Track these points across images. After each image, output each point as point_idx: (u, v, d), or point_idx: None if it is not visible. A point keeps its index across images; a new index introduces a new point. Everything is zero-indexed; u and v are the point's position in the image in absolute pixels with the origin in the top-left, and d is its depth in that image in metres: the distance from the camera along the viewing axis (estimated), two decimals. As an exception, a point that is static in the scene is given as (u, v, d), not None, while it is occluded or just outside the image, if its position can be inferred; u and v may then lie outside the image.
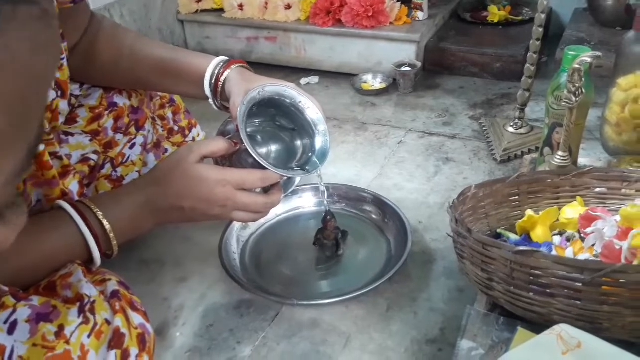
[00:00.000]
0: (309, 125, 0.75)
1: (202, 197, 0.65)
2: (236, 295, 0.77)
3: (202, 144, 0.68)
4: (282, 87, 0.73)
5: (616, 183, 0.76)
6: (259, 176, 0.68)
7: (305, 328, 0.71)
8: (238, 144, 0.70)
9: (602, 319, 0.54)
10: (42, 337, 0.49)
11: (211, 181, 0.65)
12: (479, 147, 1.10)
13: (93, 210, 0.62)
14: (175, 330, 0.72)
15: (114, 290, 0.58)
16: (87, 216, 0.62)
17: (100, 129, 0.80)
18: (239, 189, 0.67)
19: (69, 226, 0.61)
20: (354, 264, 0.81)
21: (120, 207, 0.65)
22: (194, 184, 0.65)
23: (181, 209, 0.66)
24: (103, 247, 0.63)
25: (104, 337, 0.52)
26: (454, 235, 0.67)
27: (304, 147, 0.78)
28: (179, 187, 0.65)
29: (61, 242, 0.61)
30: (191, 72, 0.78)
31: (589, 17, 1.42)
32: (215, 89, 0.77)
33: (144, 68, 0.80)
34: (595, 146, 1.02)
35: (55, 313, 0.51)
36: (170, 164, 0.67)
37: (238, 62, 0.77)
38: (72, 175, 0.72)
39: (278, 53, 1.51)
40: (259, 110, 0.74)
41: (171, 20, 1.58)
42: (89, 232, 0.61)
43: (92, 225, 0.62)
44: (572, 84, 0.76)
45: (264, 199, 0.70)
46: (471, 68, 1.40)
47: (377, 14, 1.38)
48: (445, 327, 0.70)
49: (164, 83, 0.82)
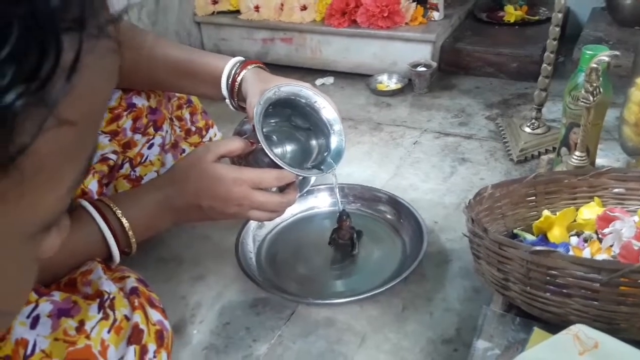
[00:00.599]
0: (325, 124, 0.76)
1: (219, 196, 0.66)
2: (252, 293, 0.78)
3: (219, 144, 0.69)
4: (297, 87, 0.74)
5: (635, 183, 0.75)
6: (275, 175, 0.69)
7: (321, 327, 0.72)
8: (254, 143, 0.70)
9: (619, 319, 0.53)
10: (63, 331, 0.50)
11: (228, 180, 0.66)
12: (496, 147, 1.09)
13: (112, 209, 0.64)
14: (193, 328, 0.73)
15: (133, 287, 0.59)
16: (107, 214, 0.63)
17: (119, 129, 0.81)
18: (256, 188, 0.68)
19: (89, 224, 0.62)
20: (369, 264, 0.82)
21: (138, 206, 0.66)
22: (212, 183, 0.66)
23: (199, 208, 0.67)
24: (122, 244, 0.65)
25: (123, 333, 0.53)
26: (469, 235, 0.67)
27: (320, 147, 0.79)
28: (197, 186, 0.66)
29: (81, 239, 0.62)
30: (208, 72, 0.79)
31: (607, 17, 1.40)
32: (232, 90, 0.78)
33: (162, 69, 0.81)
34: (613, 146, 1.01)
35: (75, 308, 0.52)
36: (187, 163, 0.68)
37: (254, 63, 0.78)
38: (92, 175, 0.73)
39: (293, 54, 1.52)
40: (274, 110, 0.75)
41: (188, 22, 1.59)
42: (109, 230, 0.62)
43: (111, 223, 0.63)
44: (590, 84, 0.75)
45: (279, 198, 0.70)
46: (487, 68, 1.39)
47: (392, 14, 1.38)
48: (461, 327, 0.70)
49: (182, 84, 0.83)
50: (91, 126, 0.25)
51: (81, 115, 0.22)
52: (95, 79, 0.23)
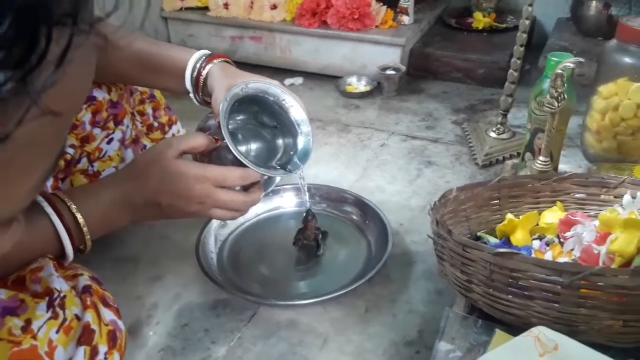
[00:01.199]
0: (292, 124, 0.74)
1: (180, 193, 0.64)
2: (212, 294, 0.76)
3: (182, 139, 0.66)
4: (265, 84, 0.72)
5: (596, 189, 0.76)
6: (239, 174, 0.66)
7: (283, 329, 0.70)
8: (218, 140, 0.68)
9: (579, 321, 0.54)
10: (7, 331, 0.47)
11: (190, 177, 0.63)
12: (461, 151, 1.10)
13: (67, 204, 0.60)
14: (149, 329, 0.71)
15: (86, 285, 0.56)
16: (61, 209, 0.60)
17: (78, 122, 0.78)
18: (219, 187, 0.65)
19: (41, 219, 0.59)
20: (334, 265, 0.80)
21: (94, 201, 0.63)
22: (172, 179, 0.63)
23: (158, 205, 0.64)
24: (76, 241, 0.61)
25: (73, 333, 0.50)
26: (434, 237, 0.67)
27: (286, 146, 0.77)
28: (157, 182, 0.63)
29: (33, 235, 0.59)
30: (172, 65, 0.77)
31: (572, 27, 1.44)
32: (197, 84, 0.76)
33: (124, 61, 0.78)
34: (575, 153, 1.03)
35: (22, 307, 0.49)
36: (148, 158, 0.65)
37: (220, 57, 0.76)
38: None
39: (263, 53, 1.50)
40: (240, 106, 0.73)
41: (155, 17, 1.56)
42: (62, 225, 0.59)
43: (65, 218, 0.59)
44: (555, 89, 0.76)
45: (243, 197, 0.68)
46: (455, 73, 1.40)
47: (362, 16, 1.38)
48: (424, 330, 0.69)
49: (144, 76, 0.80)
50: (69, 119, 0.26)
51: (65, 107, 0.23)
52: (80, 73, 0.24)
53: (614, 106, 0.89)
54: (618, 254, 0.59)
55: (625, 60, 0.87)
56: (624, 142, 0.91)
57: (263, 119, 0.77)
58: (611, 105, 0.89)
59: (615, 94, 0.89)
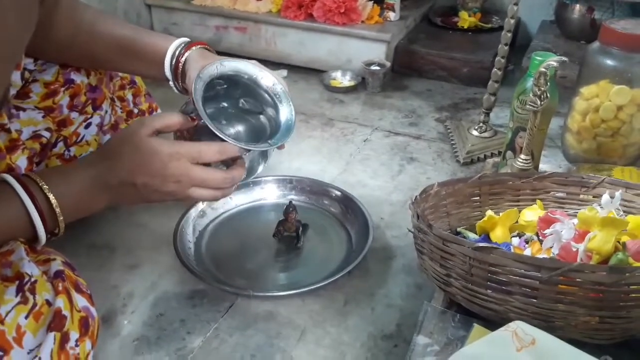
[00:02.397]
0: (272, 97, 0.71)
1: (154, 172, 0.61)
2: (189, 284, 0.75)
3: (155, 117, 0.63)
4: (241, 63, 0.70)
5: (575, 188, 0.77)
6: (216, 149, 0.63)
7: (260, 320, 0.69)
8: (196, 119, 0.66)
9: (556, 317, 0.54)
10: None
11: (164, 155, 0.60)
12: (443, 148, 1.10)
13: (39, 184, 0.58)
14: (123, 318, 0.69)
15: (58, 270, 0.54)
16: (32, 190, 0.57)
17: (55, 106, 0.76)
18: (195, 163, 0.62)
19: (12, 200, 0.56)
20: (314, 258, 0.80)
21: (68, 182, 0.60)
22: (146, 158, 0.60)
23: (133, 186, 0.61)
24: (49, 224, 0.58)
25: (43, 319, 0.49)
26: (414, 231, 0.67)
27: (270, 126, 0.74)
28: (130, 161, 0.61)
29: (3, 216, 0.56)
30: (151, 52, 0.75)
31: (556, 29, 1.45)
32: (176, 71, 0.74)
33: (102, 45, 0.76)
34: (556, 153, 1.04)
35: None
36: (121, 138, 0.63)
37: (200, 44, 0.75)
38: (21, 151, 0.68)
39: (247, 44, 1.49)
40: (226, 92, 0.72)
41: (138, 4, 1.53)
42: (34, 206, 0.57)
43: (37, 199, 0.57)
44: (538, 88, 0.76)
45: (223, 173, 0.64)
46: (439, 71, 1.41)
47: (349, 11, 1.37)
48: (402, 324, 0.69)
49: (123, 62, 0.78)
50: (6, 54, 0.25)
51: None
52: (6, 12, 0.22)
53: (595, 107, 0.90)
54: (596, 252, 0.60)
55: (607, 63, 0.88)
56: (603, 143, 0.92)
57: (247, 104, 0.76)
58: (592, 107, 0.90)
59: (597, 96, 0.90)
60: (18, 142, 0.68)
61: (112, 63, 0.79)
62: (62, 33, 0.75)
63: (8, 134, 0.66)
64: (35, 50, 0.74)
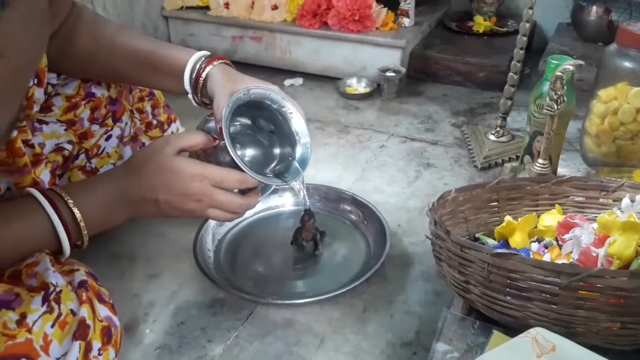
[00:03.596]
0: (292, 133, 0.74)
1: (176, 190, 0.63)
2: (209, 293, 0.75)
3: (180, 136, 0.66)
4: (267, 91, 0.71)
5: (594, 192, 0.76)
6: (237, 177, 0.65)
7: (279, 328, 0.70)
8: (217, 139, 0.68)
9: (577, 323, 0.54)
10: (2, 324, 0.46)
11: (187, 174, 0.63)
12: (460, 154, 1.10)
13: (64, 198, 0.60)
14: (145, 327, 0.70)
15: (82, 280, 0.56)
16: (58, 204, 0.59)
17: (76, 119, 0.78)
18: (216, 187, 0.65)
19: (38, 213, 0.59)
20: (331, 265, 0.80)
21: (92, 196, 0.62)
22: (169, 176, 0.63)
23: (155, 202, 0.64)
24: (73, 237, 0.61)
25: (68, 328, 0.50)
26: (432, 238, 0.67)
27: (282, 154, 0.76)
28: (153, 178, 0.63)
29: (30, 229, 0.58)
30: (171, 65, 0.76)
31: (572, 32, 1.44)
32: (196, 85, 0.75)
33: (123, 60, 0.78)
34: (574, 157, 1.03)
35: (17, 301, 0.49)
36: (145, 154, 0.65)
37: (220, 58, 0.76)
38: (44, 164, 0.70)
39: (263, 53, 1.50)
40: (239, 108, 0.73)
41: (155, 16, 1.56)
42: (59, 220, 0.59)
43: (62, 213, 0.59)
44: (554, 92, 0.76)
45: (240, 199, 0.67)
46: (455, 76, 1.41)
47: (363, 18, 1.38)
48: (421, 331, 0.69)
49: (142, 76, 0.79)
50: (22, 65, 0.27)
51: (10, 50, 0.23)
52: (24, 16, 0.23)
53: (613, 110, 0.89)
54: (616, 257, 0.59)
55: (625, 65, 0.87)
56: (623, 146, 0.91)
57: (260, 122, 0.77)
58: (610, 110, 0.89)
59: (615, 98, 0.89)
60: (41, 157, 0.70)
61: (131, 77, 0.81)
62: (84, 49, 0.77)
63: (32, 149, 0.67)
64: (57, 66, 0.76)
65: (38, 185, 0.66)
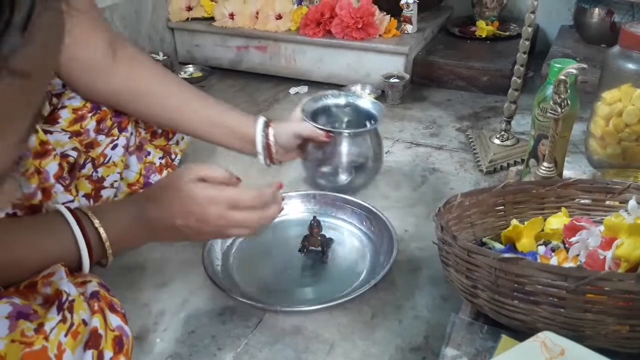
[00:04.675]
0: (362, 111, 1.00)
1: (194, 216, 0.65)
2: (219, 301, 0.76)
3: (201, 166, 0.68)
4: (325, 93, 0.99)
5: (600, 194, 0.76)
6: (252, 195, 0.67)
7: (288, 335, 0.70)
8: (325, 139, 0.89)
9: (585, 326, 0.54)
10: (20, 332, 0.47)
11: (203, 200, 0.65)
12: (465, 158, 1.10)
13: (90, 218, 0.62)
14: (156, 336, 0.71)
15: (94, 290, 0.57)
16: (84, 222, 0.62)
17: (83, 130, 0.79)
18: (232, 208, 0.66)
19: (63, 229, 0.61)
20: (339, 271, 0.81)
21: (116, 218, 0.65)
22: (186, 202, 0.65)
23: (174, 227, 0.65)
24: (95, 255, 0.63)
25: (80, 338, 0.51)
26: (439, 243, 0.67)
27: None
28: (170, 204, 0.65)
29: (55, 244, 0.60)
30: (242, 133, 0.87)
31: (575, 34, 1.44)
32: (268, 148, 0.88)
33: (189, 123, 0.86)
34: (579, 159, 1.03)
35: (35, 315, 0.50)
36: (166, 181, 0.68)
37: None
38: (53, 157, 0.70)
39: (268, 62, 1.51)
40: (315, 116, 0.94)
41: (161, 28, 1.57)
42: (83, 238, 0.61)
43: (87, 231, 0.61)
44: (558, 95, 0.76)
45: (258, 214, 0.68)
46: (458, 81, 1.41)
47: (366, 26, 1.39)
48: (429, 336, 0.69)
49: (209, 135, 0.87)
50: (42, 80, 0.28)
51: (34, 68, 0.24)
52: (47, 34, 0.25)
53: (618, 112, 0.89)
54: (624, 259, 0.59)
55: (628, 67, 0.87)
56: (628, 147, 0.91)
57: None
58: (615, 111, 0.89)
59: (619, 100, 0.89)
60: (48, 146, 0.71)
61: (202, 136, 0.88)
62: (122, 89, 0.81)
63: (35, 133, 0.68)
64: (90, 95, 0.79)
65: (41, 175, 0.68)
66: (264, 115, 0.89)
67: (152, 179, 0.92)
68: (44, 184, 0.69)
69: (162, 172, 0.93)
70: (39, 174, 0.67)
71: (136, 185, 0.89)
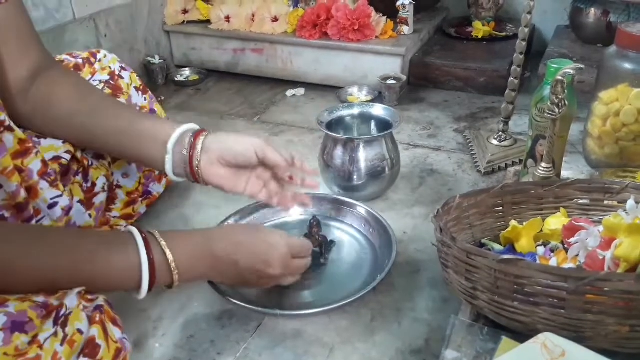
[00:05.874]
0: None
1: (258, 256, 0.68)
2: (217, 305, 0.76)
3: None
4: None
5: (599, 194, 0.76)
6: (311, 246, 0.76)
7: (288, 339, 0.70)
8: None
9: (585, 327, 0.54)
10: (15, 348, 0.47)
11: (271, 243, 0.69)
12: (463, 159, 1.10)
13: (158, 240, 0.62)
14: (154, 342, 0.71)
15: (98, 304, 0.56)
16: (151, 244, 0.61)
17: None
18: (295, 257, 0.72)
19: (129, 248, 0.60)
20: (338, 274, 0.80)
21: (182, 243, 0.65)
22: (253, 240, 0.68)
23: (235, 263, 0.67)
24: (159, 278, 0.62)
25: (76, 346, 0.50)
26: (438, 245, 0.67)
27: None
28: (239, 239, 0.68)
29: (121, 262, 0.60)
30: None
31: (571, 34, 1.44)
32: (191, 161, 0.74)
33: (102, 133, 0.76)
34: (577, 159, 1.03)
35: (30, 325, 0.49)
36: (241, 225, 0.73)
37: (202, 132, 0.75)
38: (35, 154, 0.69)
39: (264, 65, 1.51)
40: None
41: (157, 31, 1.57)
42: (147, 260, 0.60)
43: (152, 253, 0.61)
44: (555, 96, 0.76)
45: (305, 262, 0.75)
46: (455, 82, 1.41)
47: (362, 27, 1.38)
48: (430, 338, 0.69)
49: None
50: None
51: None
52: None
53: (615, 112, 0.89)
54: (623, 259, 0.59)
55: (625, 66, 0.87)
56: (626, 147, 0.91)
57: None
58: (612, 111, 0.89)
59: (616, 100, 0.89)
60: (28, 144, 0.68)
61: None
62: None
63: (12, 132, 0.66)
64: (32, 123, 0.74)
65: (23, 172, 0.67)
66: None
67: (151, 187, 0.92)
68: (28, 182, 0.68)
69: (161, 180, 0.93)
70: (19, 172, 0.66)
71: (135, 194, 0.88)
